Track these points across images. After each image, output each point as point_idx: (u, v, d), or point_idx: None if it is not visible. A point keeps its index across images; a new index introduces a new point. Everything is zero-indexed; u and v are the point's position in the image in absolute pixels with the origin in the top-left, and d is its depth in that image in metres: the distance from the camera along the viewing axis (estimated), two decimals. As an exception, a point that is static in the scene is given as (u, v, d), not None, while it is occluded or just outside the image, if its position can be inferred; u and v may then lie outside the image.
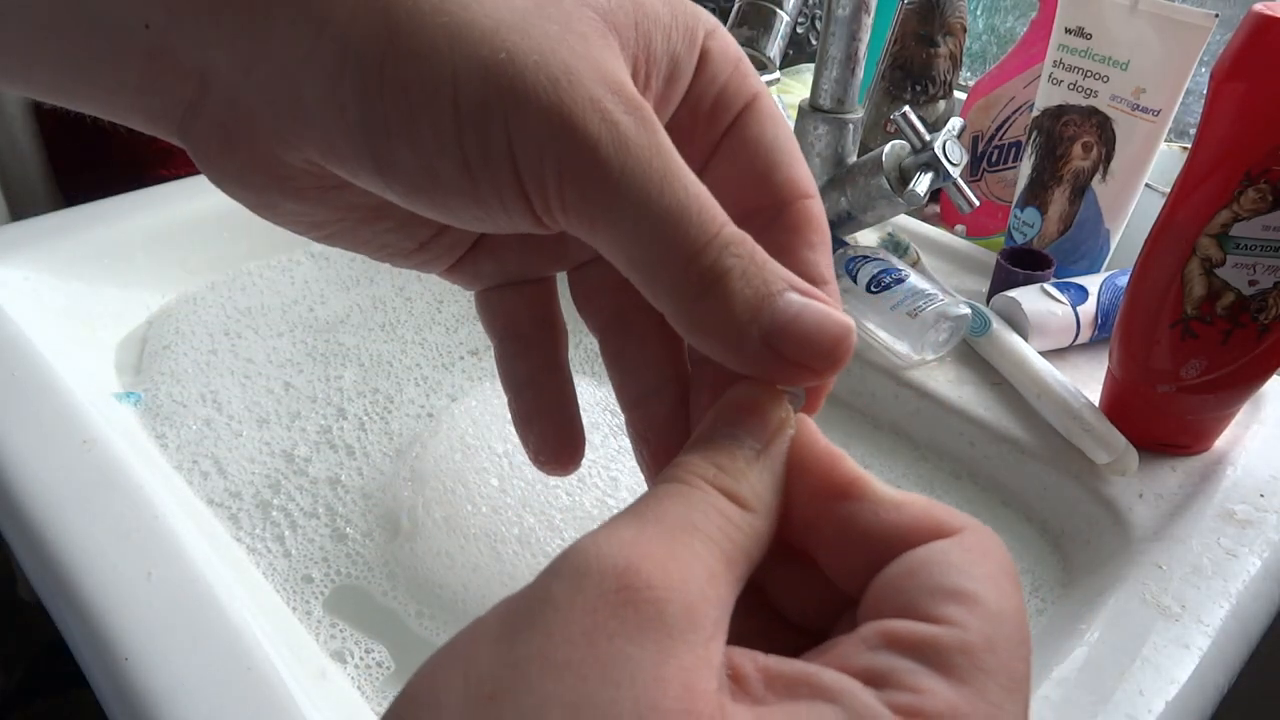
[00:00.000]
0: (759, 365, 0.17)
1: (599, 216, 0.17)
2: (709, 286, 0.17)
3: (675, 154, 0.17)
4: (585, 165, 0.16)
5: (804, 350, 0.17)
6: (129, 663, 0.35)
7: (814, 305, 0.17)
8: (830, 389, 0.20)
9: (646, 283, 0.17)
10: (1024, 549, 0.48)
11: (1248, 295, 0.42)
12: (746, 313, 0.17)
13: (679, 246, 0.17)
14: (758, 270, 0.17)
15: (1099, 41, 0.54)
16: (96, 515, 0.41)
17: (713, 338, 0.17)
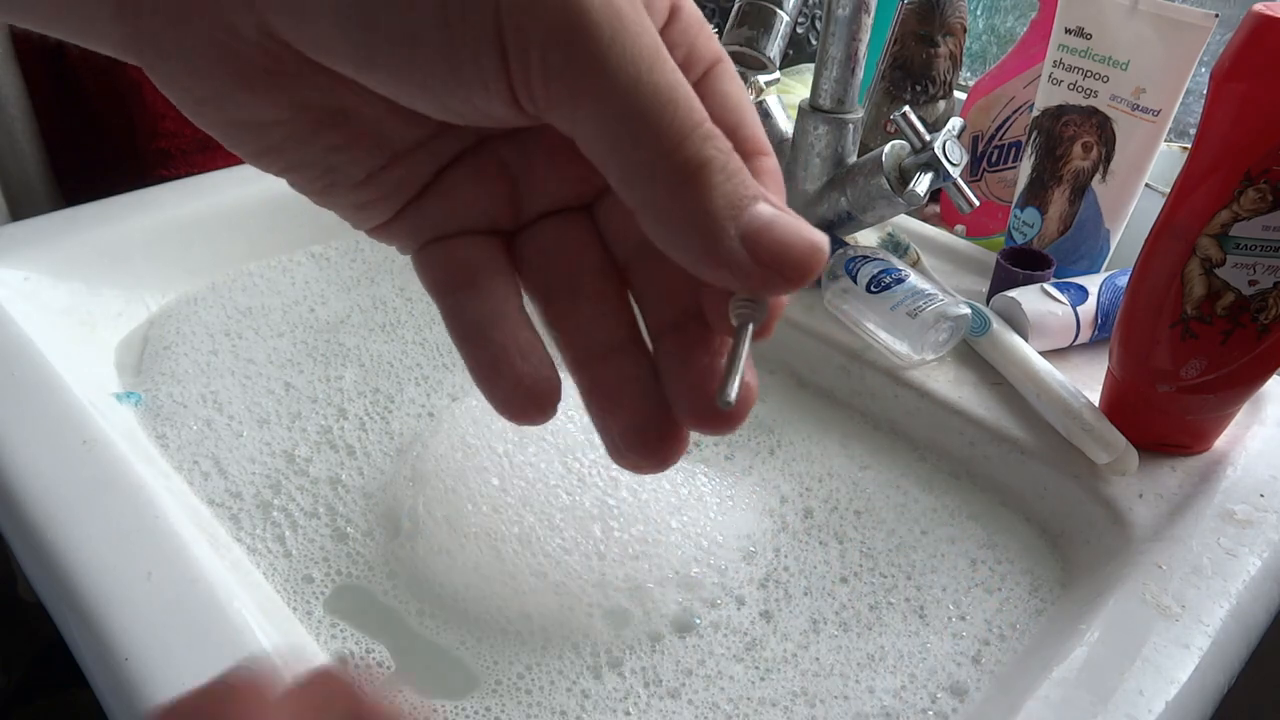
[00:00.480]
0: (731, 265, 0.17)
1: (583, 88, 0.16)
2: (691, 174, 0.16)
3: (661, 41, 0.17)
4: (574, 27, 0.16)
5: (779, 256, 0.17)
6: (129, 663, 0.35)
7: (787, 216, 0.17)
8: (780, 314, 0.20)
9: (623, 168, 0.17)
10: (1024, 549, 0.48)
11: (1248, 295, 0.42)
12: (726, 208, 0.17)
13: (665, 128, 0.16)
14: (736, 170, 0.17)
15: (1099, 41, 0.54)
16: (96, 515, 0.41)
17: (688, 231, 0.17)
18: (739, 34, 0.54)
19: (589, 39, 0.16)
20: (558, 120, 0.17)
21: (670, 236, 0.17)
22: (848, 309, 0.56)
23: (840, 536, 0.48)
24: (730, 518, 0.48)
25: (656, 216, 0.17)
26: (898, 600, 0.45)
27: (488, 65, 0.16)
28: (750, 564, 0.46)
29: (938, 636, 0.43)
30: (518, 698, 0.40)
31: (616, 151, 0.16)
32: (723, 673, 0.41)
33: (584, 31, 0.16)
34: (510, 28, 0.16)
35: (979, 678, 0.41)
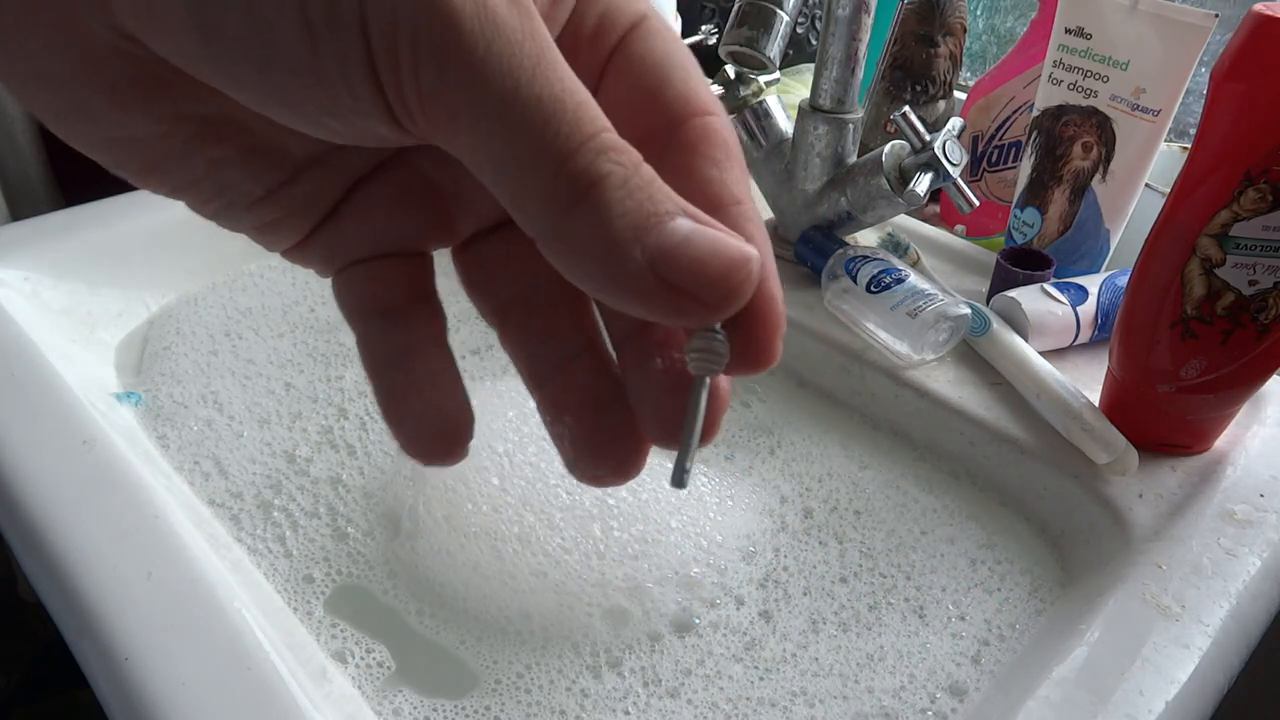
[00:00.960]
0: (641, 293, 0.15)
1: (459, 105, 0.14)
2: (583, 193, 0.14)
3: (553, 45, 0.15)
4: (445, 38, 0.14)
5: (695, 276, 0.15)
6: (129, 663, 0.35)
7: (707, 230, 0.15)
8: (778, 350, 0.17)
9: (512, 191, 0.15)
10: (1023, 549, 0.48)
11: (1248, 295, 0.42)
12: (628, 229, 0.15)
13: (550, 144, 0.14)
14: (643, 184, 0.15)
15: (1099, 41, 0.54)
16: (96, 515, 0.41)
17: (587, 257, 0.15)
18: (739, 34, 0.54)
19: (461, 51, 0.14)
20: (441, 141, 0.15)
21: (568, 263, 0.15)
22: (848, 309, 0.56)
23: (840, 536, 0.48)
24: (730, 517, 0.48)
25: (551, 242, 0.15)
26: (897, 600, 0.45)
27: (356, 77, 0.15)
28: (750, 564, 0.46)
29: (937, 636, 0.43)
30: (517, 697, 0.40)
31: (501, 173, 0.15)
32: (722, 672, 0.41)
33: (455, 44, 0.14)
34: (377, 37, 0.14)
35: (978, 678, 0.41)
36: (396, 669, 0.41)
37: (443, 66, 0.14)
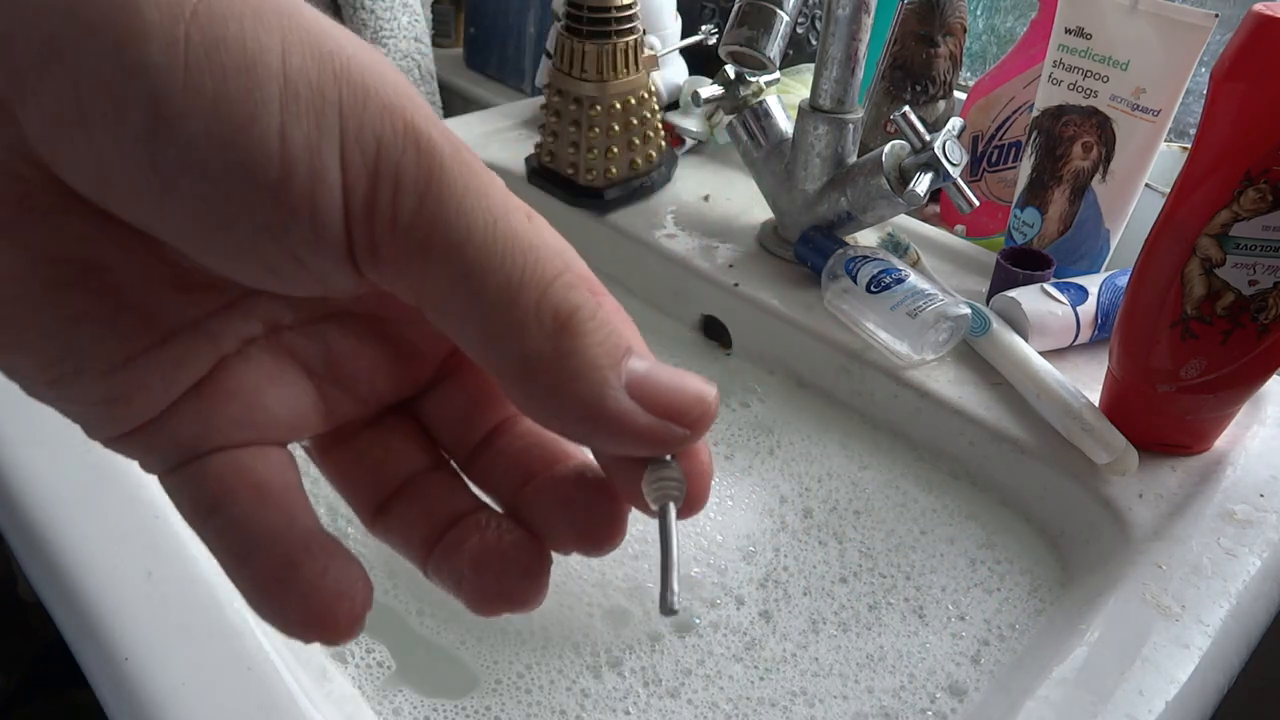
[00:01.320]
0: (621, 421, 0.15)
1: (438, 237, 0.14)
2: (562, 323, 0.15)
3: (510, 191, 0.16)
4: (429, 171, 0.14)
5: (670, 404, 0.15)
6: (129, 663, 0.35)
7: (668, 369, 0.16)
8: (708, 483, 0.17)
9: (487, 324, 0.15)
10: (1022, 549, 0.48)
11: (1248, 295, 0.42)
12: (606, 356, 0.15)
13: (529, 278, 0.14)
14: (609, 315, 0.15)
15: (1099, 41, 0.54)
16: (96, 515, 0.41)
17: (566, 389, 0.15)
18: (739, 34, 0.54)
19: (445, 185, 0.14)
20: (400, 278, 0.15)
21: (546, 399, 0.15)
22: (848, 309, 0.56)
23: (839, 536, 0.48)
24: (730, 518, 0.48)
25: (528, 379, 0.15)
26: (897, 600, 0.45)
27: (324, 199, 0.14)
28: (750, 564, 0.46)
29: (937, 637, 0.43)
30: (517, 697, 0.40)
31: (475, 308, 0.14)
32: (722, 672, 0.41)
33: (439, 178, 0.14)
34: (355, 173, 0.14)
35: (978, 678, 0.41)
36: (397, 669, 0.41)
37: (423, 199, 0.14)
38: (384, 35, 0.89)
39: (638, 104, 0.67)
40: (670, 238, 0.66)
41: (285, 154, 0.14)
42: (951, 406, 0.52)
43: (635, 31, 0.65)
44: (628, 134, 0.67)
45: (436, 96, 0.97)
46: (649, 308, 0.66)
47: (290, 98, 0.13)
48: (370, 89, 0.14)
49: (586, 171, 0.68)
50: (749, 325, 0.61)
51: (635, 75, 0.66)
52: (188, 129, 0.13)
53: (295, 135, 0.14)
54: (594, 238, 0.69)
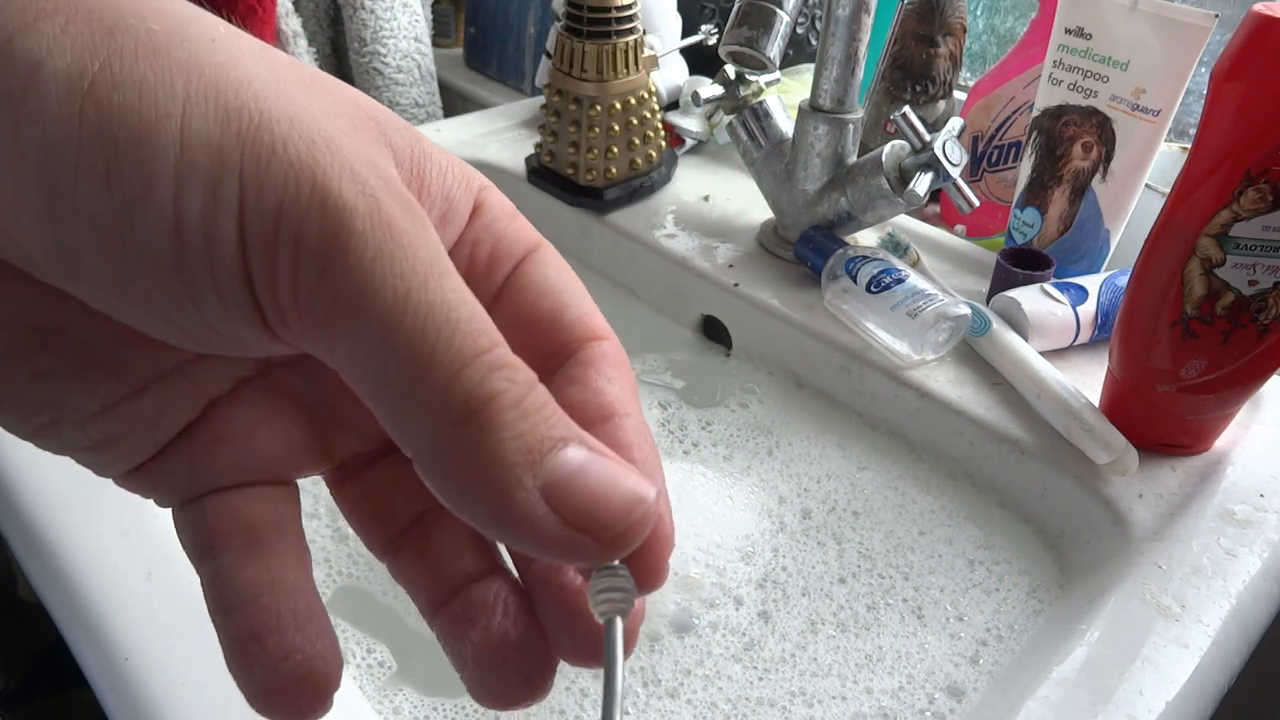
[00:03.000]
0: (531, 527, 0.13)
1: (340, 309, 0.13)
2: (472, 413, 0.13)
3: (445, 254, 0.14)
4: (332, 237, 0.13)
5: (591, 514, 0.14)
6: (129, 663, 0.35)
7: (603, 460, 0.14)
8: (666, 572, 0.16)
9: (393, 405, 0.13)
10: (1021, 550, 0.48)
11: (1247, 295, 0.42)
12: (520, 452, 0.13)
13: (440, 355, 0.13)
14: (537, 406, 0.14)
15: (1099, 41, 0.54)
16: (96, 515, 0.41)
17: (471, 484, 0.13)
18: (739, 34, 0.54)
19: (348, 253, 0.13)
20: (314, 348, 0.14)
21: (451, 491, 0.14)
22: (848, 309, 0.56)
23: (838, 537, 0.48)
24: (729, 518, 0.48)
25: (434, 463, 0.14)
26: (895, 601, 0.45)
27: (225, 274, 0.13)
28: (748, 564, 0.46)
29: (935, 637, 0.43)
30: (517, 698, 0.40)
31: (381, 387, 0.13)
32: (721, 673, 0.41)
33: (343, 244, 0.13)
34: (254, 233, 0.13)
35: (976, 678, 0.41)
36: (397, 669, 0.41)
37: (325, 267, 0.13)
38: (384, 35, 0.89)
39: (638, 104, 0.67)
40: (670, 238, 0.66)
41: (181, 231, 0.13)
42: (951, 406, 0.52)
43: (635, 31, 0.65)
44: (628, 134, 0.67)
45: (436, 96, 0.97)
46: (649, 308, 0.66)
47: (186, 169, 0.13)
48: (278, 146, 0.13)
49: (586, 171, 0.68)
50: (749, 325, 0.61)
51: (635, 75, 0.66)
52: (83, 209, 0.13)
53: (190, 210, 0.13)
54: (594, 238, 0.69)
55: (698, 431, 0.55)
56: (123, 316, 0.14)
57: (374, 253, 0.13)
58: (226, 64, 0.13)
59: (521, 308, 0.17)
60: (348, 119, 0.14)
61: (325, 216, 0.13)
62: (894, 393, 0.54)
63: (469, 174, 0.18)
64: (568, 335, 0.17)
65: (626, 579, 0.15)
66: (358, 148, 0.14)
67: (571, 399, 0.17)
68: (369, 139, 0.15)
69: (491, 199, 0.18)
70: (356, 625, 0.42)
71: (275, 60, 0.14)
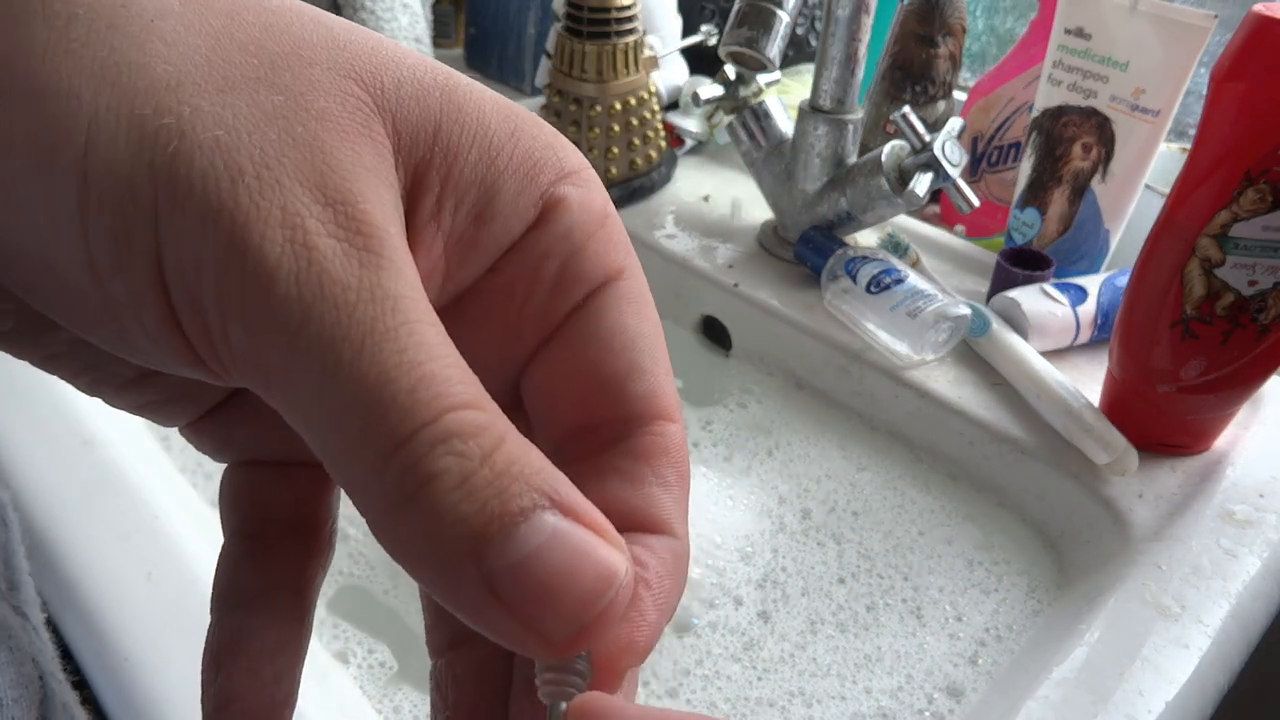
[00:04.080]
0: (477, 616, 0.12)
1: (273, 372, 0.12)
2: (411, 494, 0.12)
3: (407, 302, 0.12)
4: (253, 299, 0.11)
5: (540, 604, 0.12)
6: (129, 663, 0.35)
7: (574, 535, 0.12)
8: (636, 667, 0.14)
9: (336, 476, 0.12)
10: (1020, 550, 0.48)
11: (1247, 295, 0.42)
12: (463, 540, 0.12)
13: (374, 433, 0.11)
14: (493, 478, 0.12)
15: (1098, 42, 0.54)
16: (96, 515, 0.41)
17: (419, 567, 0.12)
18: (739, 34, 0.54)
19: (271, 316, 0.11)
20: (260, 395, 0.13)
21: (406, 569, 0.12)
22: (847, 309, 0.56)
23: (838, 537, 0.48)
24: (728, 518, 0.48)
25: (381, 540, 0.12)
26: (895, 601, 0.45)
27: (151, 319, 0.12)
28: (748, 564, 0.46)
29: (934, 637, 0.43)
30: (517, 698, 0.40)
31: (322, 455, 0.12)
32: (720, 672, 0.41)
33: (264, 305, 0.11)
34: (176, 284, 0.12)
35: (975, 678, 0.41)
36: (398, 669, 0.41)
37: (251, 329, 0.12)
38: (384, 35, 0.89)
39: (638, 104, 0.67)
40: (670, 238, 0.66)
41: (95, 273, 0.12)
42: (951, 407, 0.52)
43: (635, 32, 0.65)
44: (628, 134, 0.67)
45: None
46: (649, 308, 0.66)
47: (92, 207, 0.11)
48: (196, 181, 0.11)
49: (586, 172, 0.68)
50: (748, 325, 0.61)
51: (635, 76, 0.66)
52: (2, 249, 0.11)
53: (101, 253, 0.11)
54: (594, 238, 0.69)
55: (698, 432, 0.55)
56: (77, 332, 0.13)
57: (299, 320, 0.11)
58: (155, 61, 0.12)
59: (583, 360, 0.15)
60: (311, 112, 0.12)
61: (245, 276, 0.11)
62: (894, 393, 0.54)
63: (540, 158, 0.15)
64: (630, 410, 0.15)
65: (582, 660, 0.13)
66: (308, 166, 0.12)
67: (616, 498, 0.15)
68: (340, 136, 0.12)
69: (574, 198, 0.15)
70: (357, 625, 0.42)
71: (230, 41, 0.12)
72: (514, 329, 0.15)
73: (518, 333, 0.15)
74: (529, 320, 0.15)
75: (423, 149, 0.13)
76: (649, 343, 0.15)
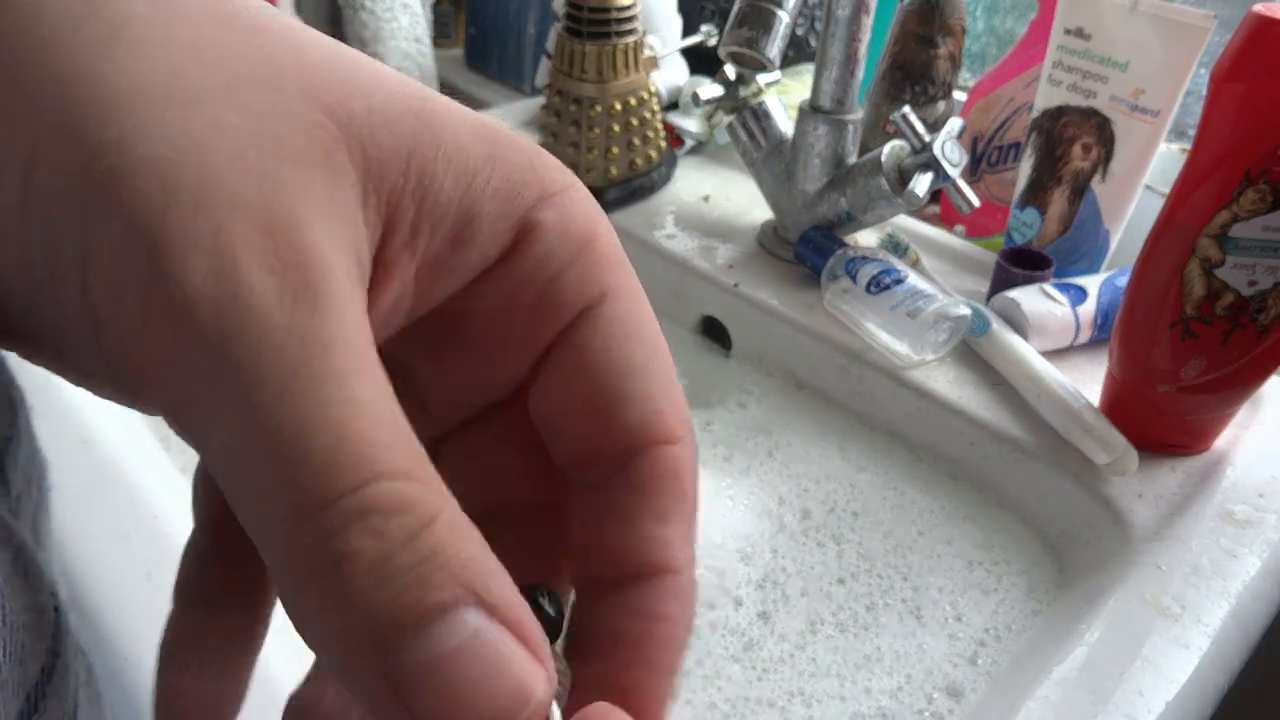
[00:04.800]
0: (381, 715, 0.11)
1: (185, 407, 0.11)
2: (320, 571, 0.10)
3: (341, 348, 0.11)
4: (170, 326, 0.11)
5: (441, 713, 0.11)
6: (129, 663, 0.35)
7: (494, 641, 0.11)
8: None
9: (246, 528, 0.11)
10: (1020, 550, 0.48)
11: (1247, 296, 0.42)
12: (370, 632, 0.10)
13: (287, 494, 0.10)
14: (414, 564, 0.10)
15: (1098, 42, 0.54)
16: (96, 515, 0.41)
17: (323, 646, 0.11)
18: (739, 34, 0.54)
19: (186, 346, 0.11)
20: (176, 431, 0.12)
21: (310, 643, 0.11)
22: (847, 309, 0.56)
23: (837, 538, 0.48)
24: (728, 519, 0.48)
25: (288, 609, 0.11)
26: (894, 601, 0.45)
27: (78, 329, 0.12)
28: (748, 565, 0.46)
29: (934, 638, 0.43)
30: (516, 698, 0.40)
31: (231, 504, 0.11)
32: (720, 673, 0.41)
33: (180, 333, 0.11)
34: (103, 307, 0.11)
35: (975, 679, 0.41)
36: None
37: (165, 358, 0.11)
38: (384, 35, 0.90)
39: (638, 104, 0.67)
40: (670, 238, 0.66)
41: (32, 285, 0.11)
42: (951, 407, 0.52)
43: (635, 32, 0.65)
44: (628, 134, 0.67)
45: (437, 97, 0.97)
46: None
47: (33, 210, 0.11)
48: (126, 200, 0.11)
49: (586, 171, 0.68)
50: (748, 326, 0.61)
51: (635, 76, 0.66)
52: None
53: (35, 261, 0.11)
54: (594, 238, 0.69)
55: (697, 432, 0.55)
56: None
57: (216, 356, 0.11)
58: (112, 71, 0.11)
59: (574, 392, 0.14)
60: (268, 135, 0.12)
61: (163, 302, 0.11)
62: (894, 393, 0.54)
63: (517, 183, 0.14)
64: (623, 442, 0.14)
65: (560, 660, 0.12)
66: (253, 192, 0.11)
67: (609, 543, 0.14)
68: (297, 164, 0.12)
69: (550, 222, 0.14)
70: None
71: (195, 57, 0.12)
72: (500, 354, 0.15)
73: (504, 358, 0.15)
74: (514, 346, 0.15)
75: (395, 175, 0.13)
76: (638, 367, 0.15)
